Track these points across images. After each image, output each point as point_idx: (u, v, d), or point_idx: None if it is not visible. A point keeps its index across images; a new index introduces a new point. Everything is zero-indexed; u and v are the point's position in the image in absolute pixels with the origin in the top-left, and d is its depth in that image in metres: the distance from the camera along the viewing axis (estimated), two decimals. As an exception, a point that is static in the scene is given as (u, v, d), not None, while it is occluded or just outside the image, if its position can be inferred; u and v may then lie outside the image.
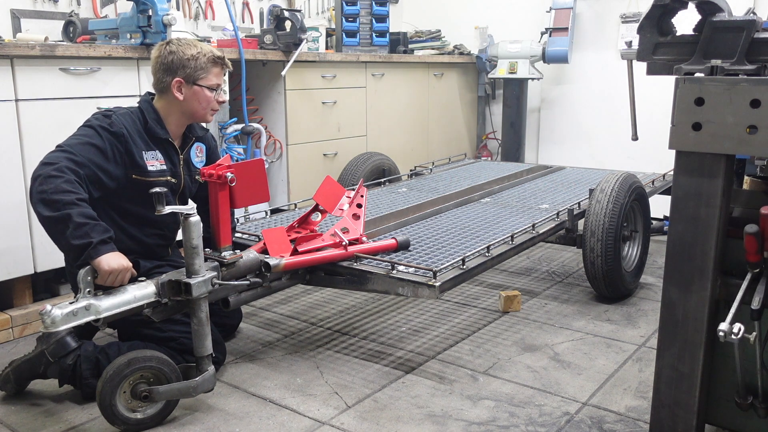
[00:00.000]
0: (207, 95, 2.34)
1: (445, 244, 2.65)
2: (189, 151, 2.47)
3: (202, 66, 2.31)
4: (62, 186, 1.98)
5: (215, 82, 2.35)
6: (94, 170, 2.12)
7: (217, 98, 2.38)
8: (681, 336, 1.64)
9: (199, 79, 2.31)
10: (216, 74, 2.36)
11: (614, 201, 2.97)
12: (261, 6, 4.65)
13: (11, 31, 3.33)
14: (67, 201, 1.97)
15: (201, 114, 2.38)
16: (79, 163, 2.08)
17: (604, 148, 4.95)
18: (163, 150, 2.35)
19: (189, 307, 2.07)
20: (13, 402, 2.24)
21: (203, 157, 2.53)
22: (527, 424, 2.08)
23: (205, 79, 2.33)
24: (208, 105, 2.36)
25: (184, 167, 2.43)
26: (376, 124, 4.47)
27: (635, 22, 4.58)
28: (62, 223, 1.95)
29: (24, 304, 2.85)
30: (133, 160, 2.24)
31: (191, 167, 2.47)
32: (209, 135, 2.60)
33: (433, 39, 5.26)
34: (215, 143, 2.65)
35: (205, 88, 2.33)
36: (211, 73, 2.33)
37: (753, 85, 1.43)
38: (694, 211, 1.57)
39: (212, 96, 2.35)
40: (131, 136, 2.24)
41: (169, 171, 2.36)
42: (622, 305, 3.11)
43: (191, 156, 2.48)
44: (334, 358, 2.57)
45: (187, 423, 2.10)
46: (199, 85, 2.32)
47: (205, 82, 2.33)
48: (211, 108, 2.38)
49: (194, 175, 2.47)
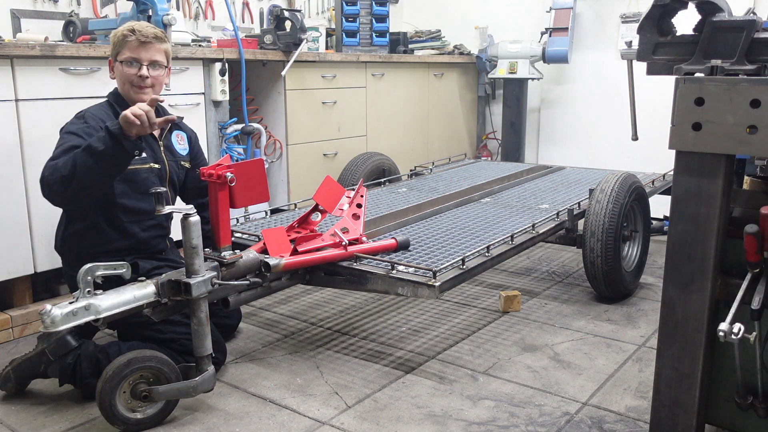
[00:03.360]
0: (122, 69, 2.35)
1: (445, 244, 2.65)
2: (169, 137, 2.51)
3: (117, 42, 2.35)
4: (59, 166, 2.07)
5: (128, 55, 2.34)
6: None
7: (138, 72, 2.34)
8: (681, 336, 1.64)
9: (117, 55, 2.36)
10: (131, 48, 2.34)
11: (614, 201, 2.97)
12: (261, 6, 4.65)
13: (11, 31, 3.33)
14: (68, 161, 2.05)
15: (125, 90, 2.39)
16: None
17: (604, 148, 4.95)
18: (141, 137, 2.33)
19: (189, 307, 2.07)
20: (13, 402, 2.24)
21: (186, 145, 2.59)
22: (527, 424, 2.08)
23: (120, 53, 2.35)
24: (126, 80, 2.36)
25: (166, 153, 2.47)
26: (376, 124, 4.47)
27: (635, 22, 4.58)
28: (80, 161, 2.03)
29: (24, 304, 2.85)
30: None
31: (175, 153, 2.51)
32: (185, 124, 2.65)
33: (433, 39, 5.26)
34: (194, 134, 2.69)
35: (119, 63, 2.36)
36: (124, 47, 2.34)
37: (753, 85, 1.43)
38: (694, 211, 1.57)
39: (130, 71, 2.35)
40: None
41: (151, 157, 2.39)
42: (622, 305, 3.11)
43: (172, 143, 2.52)
44: (334, 358, 2.57)
45: (187, 423, 2.10)
46: (118, 60, 2.36)
47: (120, 56, 2.36)
48: (132, 84, 2.35)
49: (179, 161, 2.53)
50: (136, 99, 2.35)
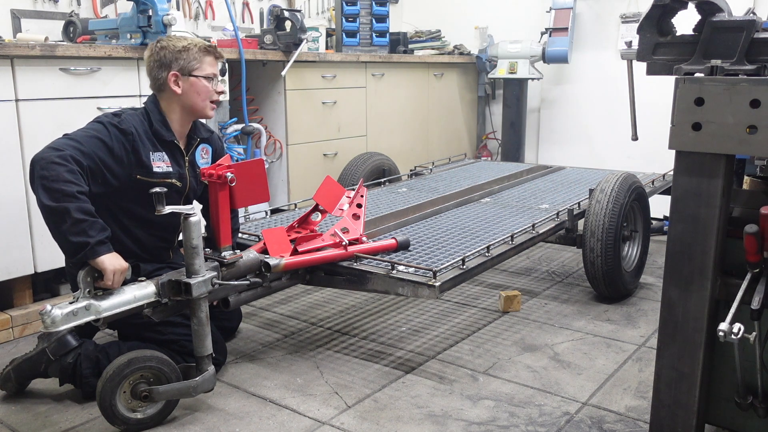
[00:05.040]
0: (204, 85, 2.32)
1: (445, 244, 2.65)
2: (194, 153, 2.45)
3: (194, 56, 2.30)
4: (64, 175, 1.96)
5: (210, 71, 2.33)
6: (98, 164, 2.11)
7: (215, 88, 2.36)
8: (681, 336, 1.64)
9: (193, 69, 2.30)
10: (210, 63, 2.34)
11: (614, 201, 2.97)
12: (261, 6, 4.65)
13: (11, 31, 3.33)
14: (68, 192, 1.94)
15: (200, 106, 2.34)
16: (84, 153, 2.06)
17: (604, 148, 4.95)
18: (169, 152, 2.33)
19: (189, 307, 2.07)
20: (13, 402, 2.24)
21: (209, 159, 2.51)
22: (527, 424, 2.08)
23: (200, 69, 2.31)
24: (207, 96, 2.34)
25: (189, 169, 2.41)
26: (376, 124, 4.47)
27: (635, 22, 4.58)
28: (60, 216, 1.93)
29: (24, 304, 2.85)
30: (139, 159, 2.22)
31: (196, 169, 2.44)
32: (215, 136, 2.58)
33: (433, 39, 5.26)
34: (221, 144, 2.63)
35: (201, 78, 2.31)
36: (204, 62, 2.32)
37: (753, 85, 1.43)
38: (694, 211, 1.57)
39: (209, 86, 2.34)
40: (139, 136, 2.23)
41: (176, 173, 2.34)
42: (622, 305, 3.11)
43: (196, 157, 2.46)
44: (334, 358, 2.57)
45: (187, 423, 2.10)
46: (194, 75, 2.30)
47: (200, 72, 2.31)
48: (210, 99, 2.35)
49: (199, 177, 2.44)
50: (210, 115, 2.38)
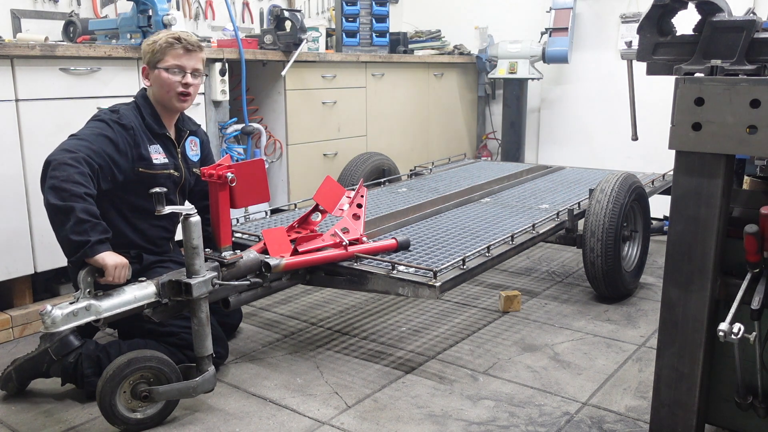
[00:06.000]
0: (164, 77, 2.32)
1: (445, 244, 2.65)
2: (184, 144, 2.51)
3: (159, 49, 2.32)
4: (74, 176, 2.01)
5: (173, 62, 2.33)
6: (108, 161, 2.17)
7: (182, 80, 2.34)
8: (681, 336, 1.64)
9: (158, 62, 2.33)
10: (174, 56, 2.33)
11: (614, 201, 2.97)
12: (261, 6, 4.65)
13: (11, 31, 3.33)
14: (75, 193, 1.98)
15: (166, 98, 2.35)
16: (96, 152, 2.12)
17: (604, 148, 4.95)
18: (163, 144, 2.40)
19: (189, 307, 2.07)
20: (13, 402, 2.24)
21: (198, 151, 2.59)
22: (527, 424, 2.08)
23: (162, 61, 2.33)
24: (170, 87, 2.33)
25: (182, 160, 2.48)
26: (376, 124, 4.47)
27: (635, 22, 4.58)
28: (64, 215, 1.97)
29: (24, 304, 2.85)
30: (140, 152, 2.29)
31: (188, 160, 2.52)
32: (201, 130, 2.65)
33: (433, 39, 5.26)
34: (207, 137, 2.69)
35: (162, 70, 2.32)
36: (167, 54, 2.32)
37: (753, 85, 1.44)
38: (694, 211, 1.57)
39: (173, 78, 2.33)
40: (137, 129, 2.30)
41: (172, 164, 2.41)
42: (622, 305, 3.11)
43: (186, 149, 2.52)
44: (334, 358, 2.57)
45: (187, 423, 2.10)
46: (158, 68, 2.33)
47: (162, 63, 2.33)
48: (175, 91, 2.34)
49: (191, 168, 2.53)
50: (178, 107, 2.38)
